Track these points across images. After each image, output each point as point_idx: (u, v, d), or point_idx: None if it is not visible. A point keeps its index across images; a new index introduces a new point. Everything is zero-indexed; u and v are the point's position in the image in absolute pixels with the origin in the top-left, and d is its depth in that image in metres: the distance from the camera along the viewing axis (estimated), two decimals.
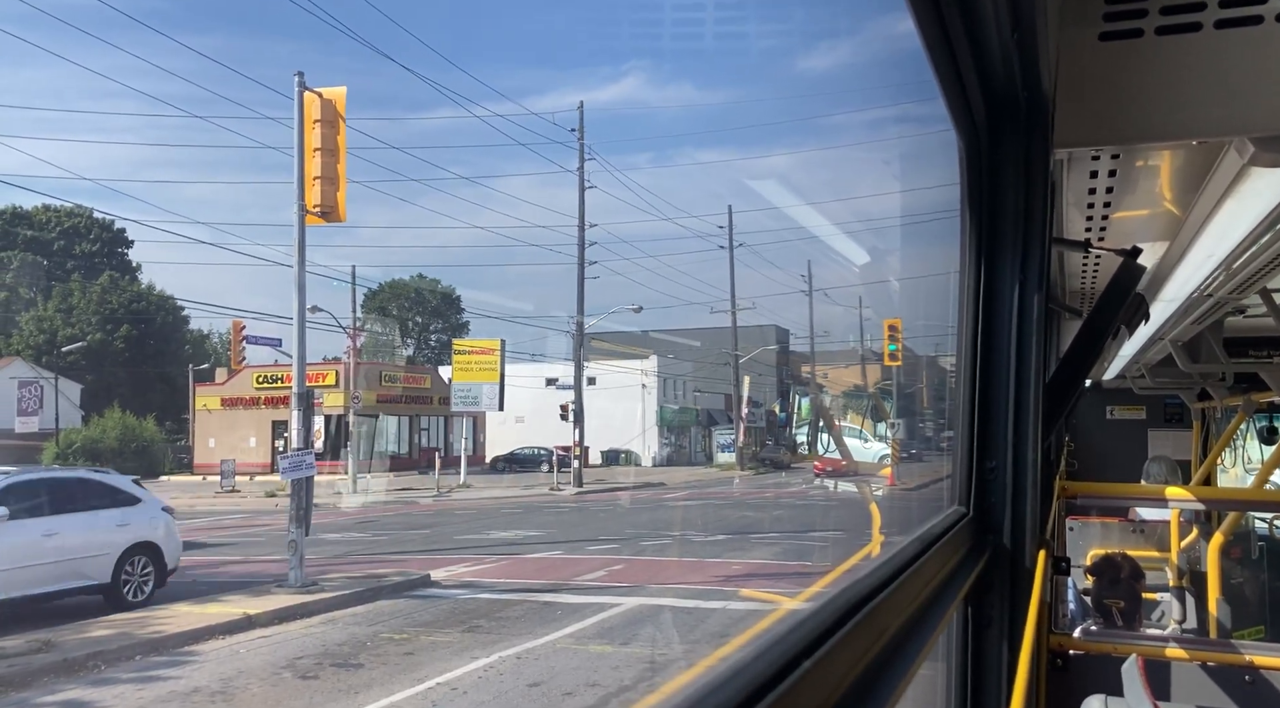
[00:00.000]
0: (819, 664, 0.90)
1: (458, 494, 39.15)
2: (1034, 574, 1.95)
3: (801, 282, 63.49)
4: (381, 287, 77.59)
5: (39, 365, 56.26)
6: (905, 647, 1.23)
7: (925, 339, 11.87)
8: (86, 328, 61.94)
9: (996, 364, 2.00)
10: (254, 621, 13.15)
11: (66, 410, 53.15)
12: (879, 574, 1.26)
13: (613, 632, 12.28)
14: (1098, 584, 4.67)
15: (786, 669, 0.85)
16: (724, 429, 64.20)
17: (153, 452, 54.52)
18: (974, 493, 1.98)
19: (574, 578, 16.54)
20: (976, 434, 1.99)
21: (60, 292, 64.38)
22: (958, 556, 1.72)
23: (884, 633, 1.17)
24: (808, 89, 55.29)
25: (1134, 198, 2.67)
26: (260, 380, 54.36)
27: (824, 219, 59.50)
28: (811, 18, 28.20)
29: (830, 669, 0.94)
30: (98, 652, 11.32)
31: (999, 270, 2.02)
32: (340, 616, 13.83)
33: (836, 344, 70.27)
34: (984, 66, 1.64)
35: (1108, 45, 1.88)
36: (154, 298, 67.52)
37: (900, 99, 3.10)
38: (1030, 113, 1.87)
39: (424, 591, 15.74)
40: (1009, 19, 1.48)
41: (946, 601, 1.51)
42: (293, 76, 16.33)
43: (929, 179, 3.37)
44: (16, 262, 67.08)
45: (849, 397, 63.61)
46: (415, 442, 59.09)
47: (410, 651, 11.60)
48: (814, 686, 0.88)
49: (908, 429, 44.69)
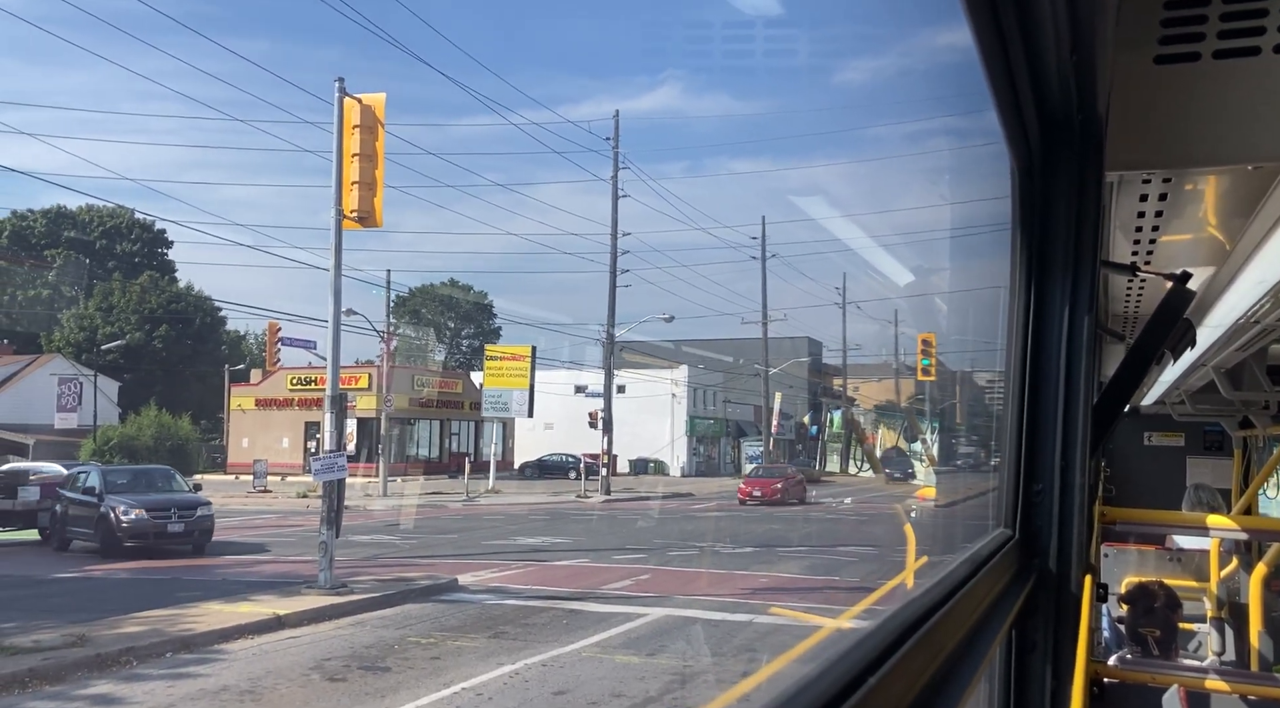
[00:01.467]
0: (882, 682, 0.91)
1: (486, 499, 39.29)
2: (1079, 600, 1.94)
3: (835, 294, 63.28)
4: (413, 291, 78.16)
5: (79, 363, 57.18)
6: (959, 668, 1.23)
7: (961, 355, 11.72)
8: (126, 326, 62.86)
9: (1045, 387, 1.99)
10: (284, 621, 13.26)
11: (104, 408, 53.95)
12: (932, 595, 1.26)
13: (639, 642, 12.26)
14: (1133, 612, 4.60)
15: (852, 686, 0.86)
16: (753, 441, 64.02)
17: (187, 450, 55.19)
18: (1020, 516, 1.97)
19: (600, 586, 16.54)
20: (1024, 457, 1.98)
21: (101, 290, 65.42)
22: (1005, 579, 1.71)
23: (939, 653, 1.17)
24: (847, 100, 55.19)
25: (1182, 221, 2.64)
26: (294, 382, 54.91)
27: (859, 231, 59.38)
28: (856, 29, 28.14)
29: (891, 688, 0.95)
30: (130, 648, 11.46)
31: (1049, 293, 2.00)
32: (368, 618, 13.91)
33: (869, 358, 69.93)
34: (1041, 88, 1.64)
35: (1163, 68, 1.87)
36: (192, 298, 68.45)
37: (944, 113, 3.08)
38: (1084, 135, 1.86)
39: (451, 595, 15.80)
40: (1069, 41, 1.47)
41: (996, 624, 1.51)
42: (333, 82, 16.52)
43: (969, 193, 3.35)
44: (59, 260, 68.26)
45: (881, 411, 63.24)
46: (445, 446, 59.40)
47: (437, 655, 11.65)
48: (877, 704, 0.89)
49: (944, 446, 43.83)
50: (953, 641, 1.27)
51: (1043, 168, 1.93)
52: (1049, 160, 1.92)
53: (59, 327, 64.59)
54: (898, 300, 63.08)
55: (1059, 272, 2.01)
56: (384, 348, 45.93)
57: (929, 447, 46.02)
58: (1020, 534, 1.95)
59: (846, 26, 36.84)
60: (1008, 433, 2.03)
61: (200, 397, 64.61)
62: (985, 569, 1.55)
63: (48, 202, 75.36)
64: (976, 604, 1.44)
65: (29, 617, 13.33)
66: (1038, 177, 1.94)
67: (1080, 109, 1.76)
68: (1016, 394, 2.00)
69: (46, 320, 64.86)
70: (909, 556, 12.33)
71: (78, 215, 71.03)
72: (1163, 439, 9.66)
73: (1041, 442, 1.99)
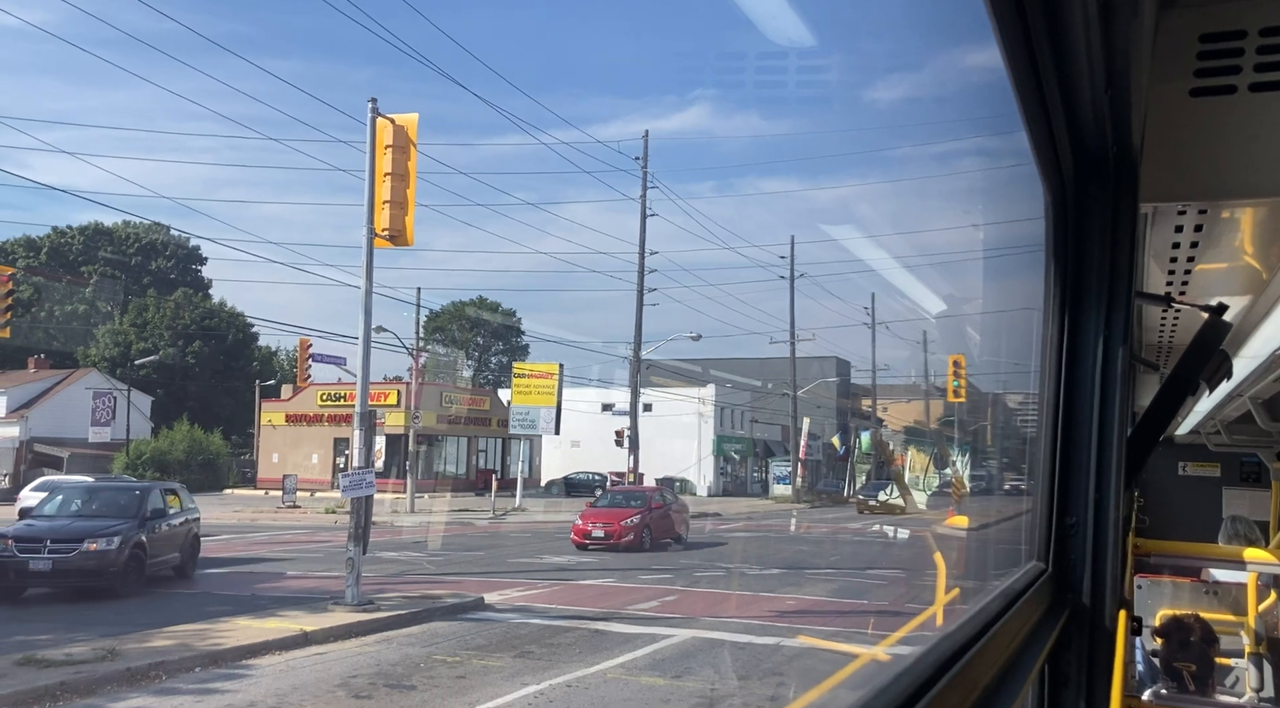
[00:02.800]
0: None
1: (513, 517, 39.33)
2: (1114, 635, 1.92)
3: (864, 314, 62.99)
4: (443, 309, 78.68)
5: (113, 378, 57.96)
6: (994, 705, 1.23)
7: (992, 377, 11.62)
8: (159, 342, 63.68)
9: (1079, 419, 1.98)
10: (310, 637, 13.31)
11: (137, 422, 54.62)
12: (966, 630, 1.26)
13: (665, 664, 12.20)
14: (1167, 646, 4.52)
15: None
16: (780, 461, 63.70)
17: (218, 465, 55.78)
18: (1053, 549, 1.95)
19: (626, 607, 16.49)
20: (1057, 489, 1.97)
21: (136, 306, 66.35)
22: (1038, 613, 1.70)
23: (974, 690, 1.17)
24: (876, 121, 55.05)
25: (1217, 252, 2.63)
26: (324, 398, 55.32)
27: (889, 250, 59.03)
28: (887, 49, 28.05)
29: None
30: (160, 662, 11.54)
31: (1083, 323, 2.00)
32: (395, 635, 13.95)
33: (898, 378, 69.47)
34: (1075, 121, 1.64)
35: (1199, 101, 1.86)
36: (225, 314, 69.27)
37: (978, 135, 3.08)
38: (1119, 168, 1.86)
39: (477, 613, 15.81)
40: (1103, 75, 1.48)
41: (1030, 659, 1.50)
42: (367, 102, 16.72)
43: (1000, 214, 3.34)
44: (96, 277, 69.34)
45: (910, 433, 62.73)
46: (473, 463, 59.58)
47: (462, 674, 11.65)
48: None
49: (974, 470, 42.64)
50: (987, 676, 1.26)
51: (1076, 199, 1.93)
52: (1083, 192, 1.92)
53: (94, 342, 65.55)
54: (927, 320, 62.73)
55: (1093, 302, 2.00)
56: (413, 365, 46.21)
57: (959, 471, 45.09)
58: (1054, 568, 1.94)
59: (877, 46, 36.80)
60: (1040, 465, 2.01)
61: (232, 412, 65.29)
62: (1019, 604, 1.54)
63: (85, 218, 76.67)
64: (1010, 639, 1.44)
65: (62, 630, 13.48)
66: (1071, 207, 1.93)
67: (1115, 142, 1.76)
68: (1049, 426, 1.99)
69: (82, 336, 65.85)
70: (939, 586, 12.18)
71: (115, 232, 72.17)
72: (1197, 469, 9.51)
73: (1075, 474, 1.97)
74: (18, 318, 36.09)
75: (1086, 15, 1.26)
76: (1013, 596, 1.55)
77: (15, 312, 27.04)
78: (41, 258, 70.10)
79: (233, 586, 18.56)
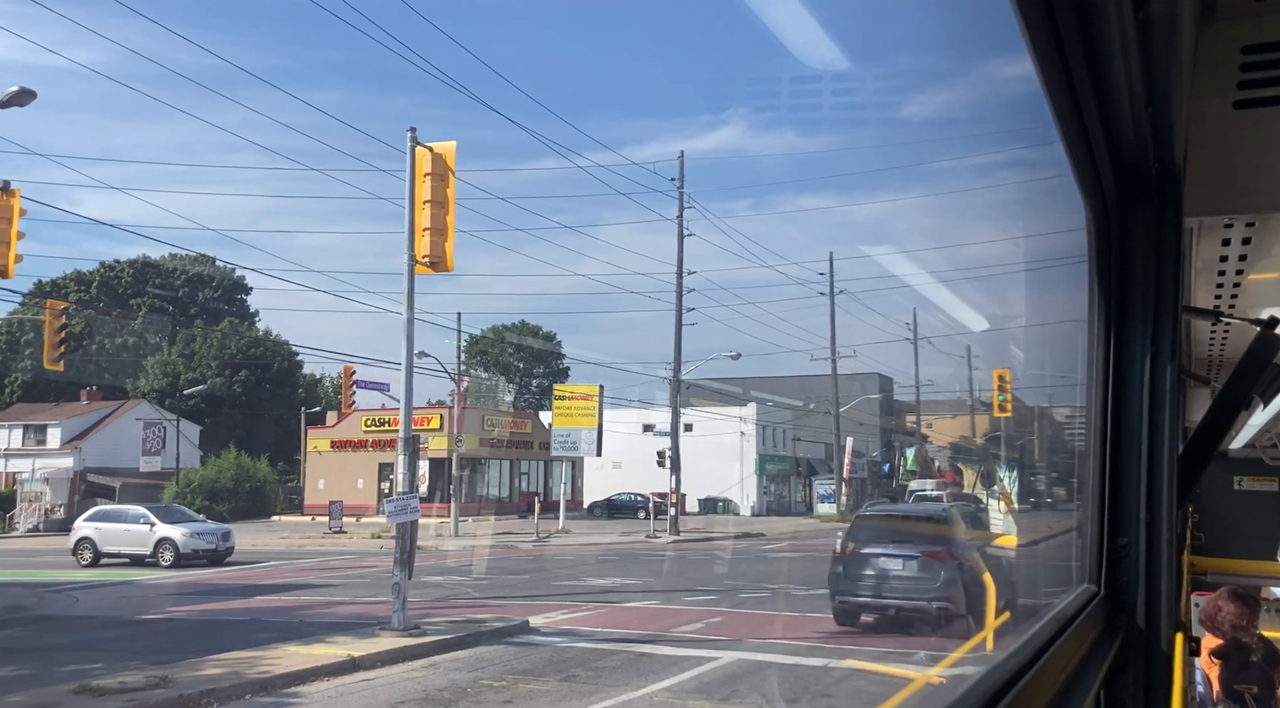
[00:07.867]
0: None
1: (556, 540, 39.34)
2: (1171, 658, 1.87)
3: (904, 329, 62.43)
4: (483, 333, 79.25)
5: (162, 408, 59.00)
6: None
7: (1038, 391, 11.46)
8: (207, 372, 64.75)
9: (1128, 437, 1.94)
10: (358, 663, 13.38)
11: (186, 451, 55.52)
12: (1018, 657, 1.25)
13: (711, 687, 12.10)
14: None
15: None
16: (824, 479, 63.16)
17: (265, 492, 56.48)
18: (1105, 571, 1.92)
19: (671, 629, 16.40)
20: (1107, 509, 1.93)
21: (183, 337, 67.57)
22: (1091, 637, 1.67)
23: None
24: (912, 135, 54.81)
25: (1268, 263, 2.58)
26: (368, 424, 55.85)
27: (927, 266, 58.57)
28: (923, 68, 27.90)
29: None
30: (210, 689, 11.66)
31: (1129, 340, 1.97)
32: (441, 660, 13.98)
33: (942, 393, 68.70)
34: (1115, 139, 1.62)
35: (1243, 113, 1.84)
36: (270, 343, 70.31)
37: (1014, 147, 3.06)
38: (1161, 183, 1.83)
39: (523, 637, 15.80)
40: (1143, 92, 1.46)
41: (1085, 685, 1.47)
42: (405, 131, 16.96)
43: (1040, 227, 3.30)
44: (144, 309, 70.75)
45: (956, 449, 61.93)
46: (516, 486, 59.76)
47: (509, 699, 11.64)
48: None
49: (1022, 487, 41.72)
50: (1042, 703, 1.24)
51: (1119, 215, 1.90)
52: (1125, 208, 1.89)
53: (144, 373, 66.79)
54: (969, 334, 62.00)
55: (1139, 318, 1.97)
56: (456, 389, 46.51)
57: (1006, 488, 44.15)
58: (1106, 590, 1.90)
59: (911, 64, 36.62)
60: (1089, 485, 1.98)
61: (278, 439, 66.11)
62: (1072, 628, 1.51)
63: (133, 252, 78.34)
64: (1064, 665, 1.41)
65: (115, 658, 13.67)
66: (1114, 223, 1.91)
67: (1157, 158, 1.74)
68: (1098, 445, 1.96)
69: (132, 367, 67.13)
70: (989, 607, 11.96)
71: (162, 265, 73.62)
72: (1254, 484, 9.26)
73: (1125, 493, 1.94)
74: (70, 352, 36.82)
75: (1124, 36, 1.25)
76: (1065, 620, 1.53)
77: (68, 345, 27.57)
78: (92, 292, 71.70)
79: (282, 613, 18.73)
